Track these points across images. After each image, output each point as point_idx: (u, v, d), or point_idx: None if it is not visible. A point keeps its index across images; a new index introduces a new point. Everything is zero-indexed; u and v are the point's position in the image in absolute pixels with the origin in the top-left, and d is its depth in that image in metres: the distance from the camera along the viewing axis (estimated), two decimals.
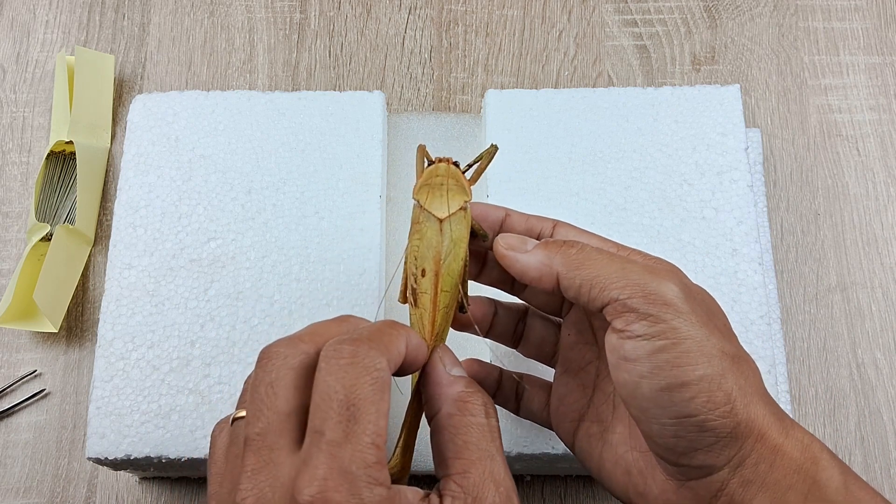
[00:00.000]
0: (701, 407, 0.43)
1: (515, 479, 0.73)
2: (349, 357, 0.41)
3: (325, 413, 0.39)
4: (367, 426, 0.39)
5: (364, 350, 0.41)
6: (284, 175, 0.72)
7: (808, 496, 0.43)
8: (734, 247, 0.68)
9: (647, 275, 0.46)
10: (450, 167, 0.53)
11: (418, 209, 0.52)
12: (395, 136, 0.79)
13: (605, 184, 0.71)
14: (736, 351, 0.46)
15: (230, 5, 0.91)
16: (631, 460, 0.49)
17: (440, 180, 0.52)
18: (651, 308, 0.45)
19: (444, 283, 0.51)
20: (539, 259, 0.49)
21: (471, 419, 0.45)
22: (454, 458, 0.43)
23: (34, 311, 0.78)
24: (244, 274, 0.69)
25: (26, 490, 0.74)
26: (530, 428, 0.64)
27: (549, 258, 0.49)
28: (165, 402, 0.66)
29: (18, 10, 0.92)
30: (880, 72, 0.87)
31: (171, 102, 0.75)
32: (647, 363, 0.44)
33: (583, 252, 0.48)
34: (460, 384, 0.46)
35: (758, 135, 0.80)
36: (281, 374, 0.42)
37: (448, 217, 0.51)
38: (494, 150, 0.57)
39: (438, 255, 0.51)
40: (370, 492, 0.38)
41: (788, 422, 0.45)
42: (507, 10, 0.91)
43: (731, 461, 0.44)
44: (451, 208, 0.51)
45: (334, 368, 0.40)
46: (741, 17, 0.89)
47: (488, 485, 0.42)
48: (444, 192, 0.52)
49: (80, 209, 0.80)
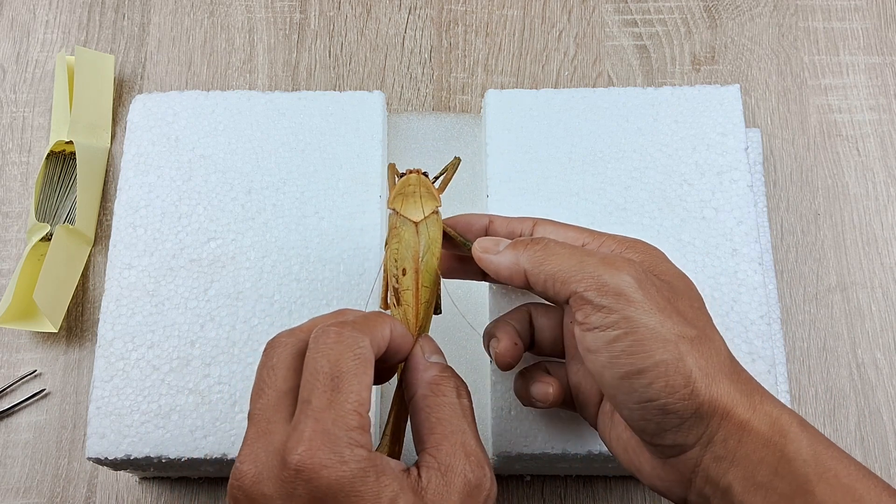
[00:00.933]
0: (660, 391, 0.45)
1: (515, 479, 0.74)
2: (335, 337, 0.45)
3: (313, 385, 0.44)
4: (350, 395, 0.43)
5: (348, 331, 0.46)
6: (284, 175, 0.72)
7: (778, 469, 0.44)
8: (734, 247, 0.68)
9: (601, 267, 0.48)
10: (420, 177, 0.58)
11: (395, 216, 0.57)
12: (395, 136, 0.79)
13: (605, 184, 0.71)
14: (698, 333, 0.47)
15: (230, 5, 0.91)
16: (626, 439, 0.51)
17: (412, 189, 0.57)
18: (604, 299, 0.47)
19: (423, 279, 0.55)
20: (508, 259, 0.52)
21: (443, 399, 0.48)
22: (428, 433, 0.47)
23: (34, 311, 0.78)
24: (244, 274, 0.69)
25: (26, 490, 0.74)
26: (530, 428, 0.64)
27: (516, 257, 0.52)
28: (165, 402, 0.66)
29: (18, 10, 0.92)
30: (880, 72, 0.87)
31: (171, 102, 0.75)
32: (605, 353, 0.47)
33: (546, 248, 0.51)
34: (435, 369, 0.50)
35: (758, 135, 0.80)
36: (281, 358, 0.47)
37: (423, 220, 0.56)
38: (458, 162, 0.61)
39: (417, 254, 0.55)
40: (351, 451, 0.42)
41: (758, 397, 0.47)
42: (506, 10, 0.91)
43: (701, 439, 0.46)
44: (426, 212, 0.56)
45: (321, 347, 0.45)
46: (741, 17, 0.89)
47: (459, 455, 0.46)
48: (417, 199, 0.57)
49: (80, 209, 0.80)
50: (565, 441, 0.64)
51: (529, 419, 0.64)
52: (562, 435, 0.64)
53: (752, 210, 0.69)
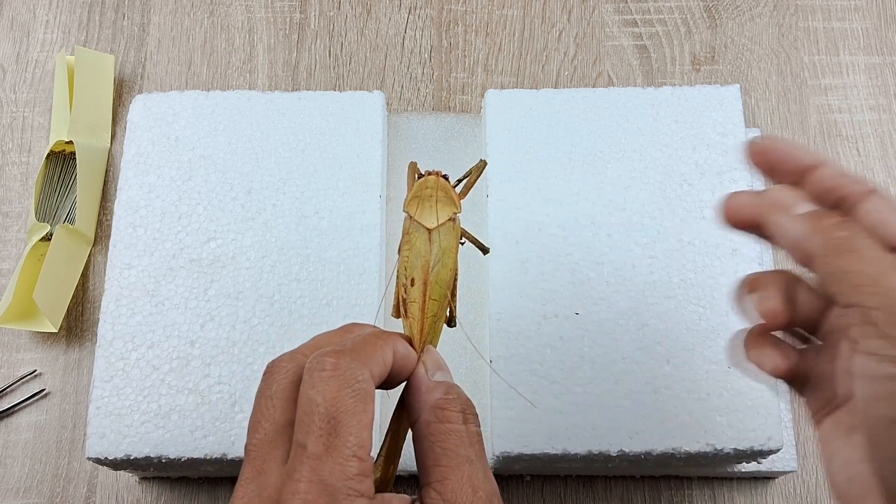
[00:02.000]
0: None
1: (515, 479, 0.74)
2: (331, 369, 0.42)
3: (308, 427, 0.40)
4: (349, 438, 0.40)
5: (346, 362, 0.42)
6: (284, 175, 0.72)
7: None
8: (734, 247, 0.68)
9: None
10: (439, 180, 0.54)
11: (408, 220, 0.53)
12: (395, 136, 0.79)
13: (605, 184, 0.71)
14: None
15: (230, 5, 0.91)
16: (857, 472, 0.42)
17: (429, 192, 0.53)
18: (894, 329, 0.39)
19: (432, 292, 0.51)
20: (798, 231, 0.43)
21: (448, 426, 0.45)
22: (433, 465, 0.43)
23: (34, 311, 0.78)
24: (244, 274, 0.69)
25: (26, 490, 0.74)
26: (530, 428, 0.64)
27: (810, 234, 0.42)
28: (165, 402, 0.66)
29: (18, 10, 0.92)
30: (880, 72, 0.87)
31: (171, 102, 0.75)
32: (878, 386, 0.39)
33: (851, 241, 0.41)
34: (440, 390, 0.46)
35: (758, 135, 0.80)
36: (281, 387, 0.43)
37: (437, 227, 0.52)
38: (483, 165, 0.57)
39: (427, 263, 0.51)
40: (350, 502, 0.39)
41: None
42: (506, 9, 0.91)
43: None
44: (440, 219, 0.52)
45: (316, 381, 0.41)
46: (741, 17, 0.89)
47: (465, 490, 0.42)
48: (433, 204, 0.53)
49: (79, 209, 0.80)
50: (565, 441, 0.64)
51: (529, 419, 0.64)
52: (562, 435, 0.64)
53: None
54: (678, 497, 0.73)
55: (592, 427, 0.64)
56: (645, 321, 0.67)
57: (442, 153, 0.79)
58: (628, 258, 0.69)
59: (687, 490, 0.73)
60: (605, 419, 0.64)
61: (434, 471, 0.43)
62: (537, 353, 0.66)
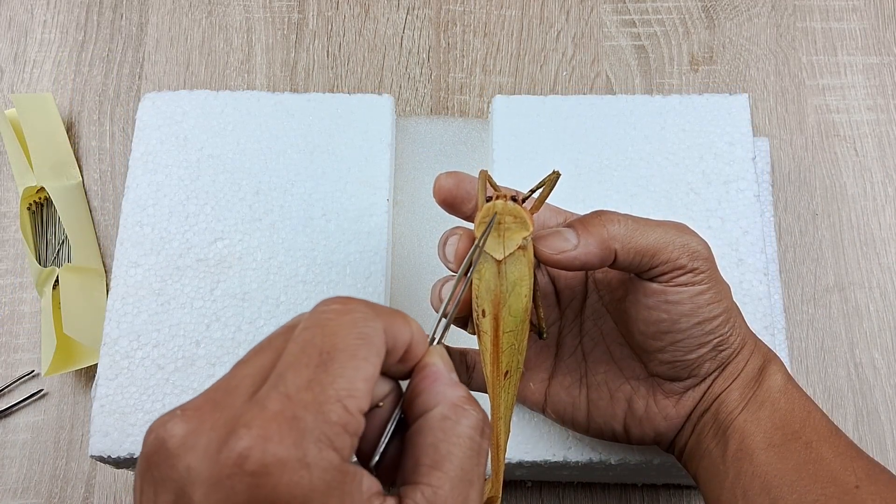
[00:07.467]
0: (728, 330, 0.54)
1: (516, 483, 0.74)
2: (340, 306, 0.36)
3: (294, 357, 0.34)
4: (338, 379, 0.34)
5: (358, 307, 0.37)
6: (292, 176, 0.72)
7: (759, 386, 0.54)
8: (740, 257, 0.68)
9: (684, 235, 0.53)
10: (507, 204, 0.50)
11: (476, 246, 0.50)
12: (403, 139, 0.79)
13: (611, 191, 0.71)
14: None
15: (228, 5, 0.91)
16: (631, 388, 0.56)
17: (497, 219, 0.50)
18: (695, 263, 0.52)
19: (505, 325, 0.50)
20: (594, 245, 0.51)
21: (463, 431, 0.38)
22: (431, 466, 0.37)
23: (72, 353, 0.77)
24: (250, 275, 0.69)
25: (24, 490, 0.74)
26: (531, 435, 0.64)
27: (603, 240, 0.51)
28: (169, 402, 0.66)
29: (16, 10, 0.91)
30: (878, 72, 0.87)
31: (181, 101, 0.75)
32: (689, 304, 0.52)
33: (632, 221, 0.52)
34: (462, 389, 0.40)
35: (766, 144, 0.80)
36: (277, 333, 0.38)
37: (504, 259, 0.50)
38: (556, 177, 0.52)
39: (497, 298, 0.50)
40: (318, 451, 0.32)
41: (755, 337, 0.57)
42: (505, 10, 0.91)
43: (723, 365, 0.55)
44: (508, 249, 0.50)
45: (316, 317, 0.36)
46: (739, 17, 0.90)
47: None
48: (500, 232, 0.50)
49: (75, 248, 0.80)
50: (566, 448, 0.64)
51: (531, 426, 0.65)
52: (563, 442, 0.65)
53: (759, 220, 0.69)
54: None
55: None
56: None
57: (449, 157, 0.79)
58: None
59: (686, 499, 0.74)
60: None
61: (430, 473, 0.37)
62: None
